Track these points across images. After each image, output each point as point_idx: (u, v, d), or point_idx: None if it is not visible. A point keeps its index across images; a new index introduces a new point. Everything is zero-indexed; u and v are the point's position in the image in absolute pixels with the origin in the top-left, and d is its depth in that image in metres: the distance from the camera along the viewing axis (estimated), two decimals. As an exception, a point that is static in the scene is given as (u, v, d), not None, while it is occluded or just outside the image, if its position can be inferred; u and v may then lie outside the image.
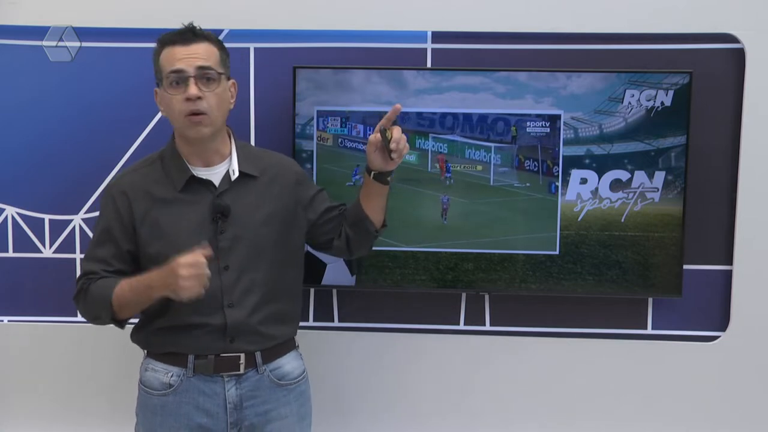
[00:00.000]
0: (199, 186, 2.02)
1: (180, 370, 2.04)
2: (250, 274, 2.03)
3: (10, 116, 2.61)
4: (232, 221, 2.00)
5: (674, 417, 2.59)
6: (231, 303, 2.01)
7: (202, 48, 1.98)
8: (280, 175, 2.11)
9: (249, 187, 2.05)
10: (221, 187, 2.02)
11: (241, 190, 2.04)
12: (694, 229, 2.49)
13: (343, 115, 2.46)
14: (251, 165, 2.07)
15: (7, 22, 2.56)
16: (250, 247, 2.02)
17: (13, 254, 2.66)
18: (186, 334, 2.02)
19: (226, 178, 2.04)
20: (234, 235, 2.01)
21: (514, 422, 2.62)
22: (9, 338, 2.68)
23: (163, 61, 1.98)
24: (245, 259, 2.02)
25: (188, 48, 1.96)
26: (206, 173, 2.03)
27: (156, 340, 2.07)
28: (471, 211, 2.47)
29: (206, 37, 2.01)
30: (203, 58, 1.96)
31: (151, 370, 2.08)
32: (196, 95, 1.94)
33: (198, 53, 1.96)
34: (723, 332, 2.56)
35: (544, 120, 2.44)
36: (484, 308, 2.61)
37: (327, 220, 2.17)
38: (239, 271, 2.02)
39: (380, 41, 2.53)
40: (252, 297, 2.03)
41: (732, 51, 2.46)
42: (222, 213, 1.99)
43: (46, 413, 2.70)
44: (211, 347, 2.02)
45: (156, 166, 2.07)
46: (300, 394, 2.15)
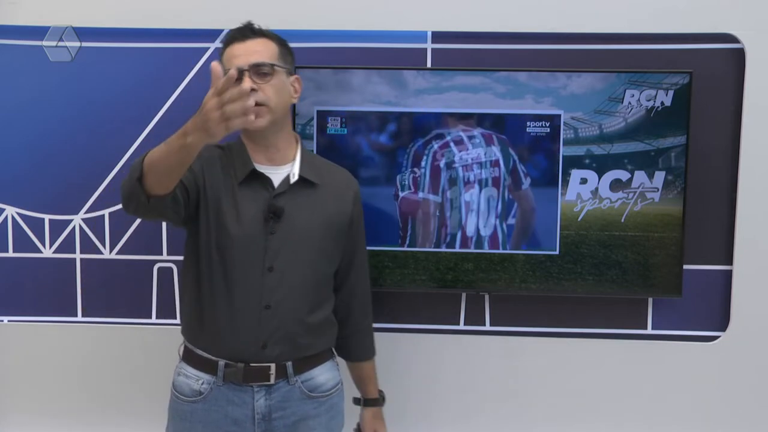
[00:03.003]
0: (258, 183, 2.02)
1: (210, 378, 2.02)
2: (292, 279, 2.01)
3: (10, 116, 2.61)
4: (284, 224, 2.00)
5: (674, 417, 2.59)
6: (269, 305, 1.99)
7: (259, 44, 2.00)
8: (339, 189, 2.11)
9: (306, 193, 2.04)
10: (279, 189, 2.02)
11: (298, 195, 2.03)
12: (694, 229, 2.49)
13: (343, 115, 2.46)
14: (313, 172, 2.06)
15: (7, 22, 2.56)
16: (296, 252, 2.01)
17: (13, 254, 2.66)
18: (218, 334, 2.00)
19: (286, 181, 2.03)
20: (283, 237, 2.00)
21: (514, 422, 2.62)
22: (9, 338, 2.68)
23: (224, 60, 2.01)
24: (290, 263, 2.00)
25: (245, 45, 1.99)
26: (268, 171, 2.03)
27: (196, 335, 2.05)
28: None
29: (264, 33, 2.04)
30: (259, 53, 1.98)
31: (183, 375, 2.07)
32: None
33: (254, 49, 1.99)
34: (723, 332, 2.56)
35: (544, 120, 2.44)
36: (484, 308, 2.61)
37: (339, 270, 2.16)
38: (282, 273, 2.00)
39: (380, 41, 2.53)
40: (290, 302, 2.01)
41: (732, 51, 2.46)
42: (275, 214, 1.99)
43: (46, 413, 2.70)
44: (242, 352, 1.99)
45: (223, 152, 2.06)
46: (331, 407, 2.11)
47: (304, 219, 2.02)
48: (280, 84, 1.99)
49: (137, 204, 1.84)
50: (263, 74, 1.97)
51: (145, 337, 2.64)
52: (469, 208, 2.47)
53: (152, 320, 2.65)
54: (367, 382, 2.26)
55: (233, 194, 2.00)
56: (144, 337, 2.64)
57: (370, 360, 2.26)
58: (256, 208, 2.00)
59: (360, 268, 2.18)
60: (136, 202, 1.84)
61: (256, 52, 1.99)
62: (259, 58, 1.97)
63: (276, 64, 2.00)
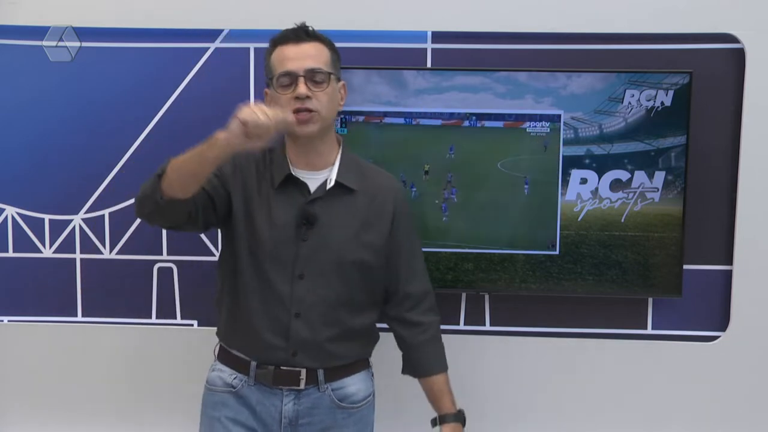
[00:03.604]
0: (294, 188, 1.96)
1: (243, 376, 2.00)
2: (323, 288, 1.95)
3: (10, 116, 2.61)
4: (317, 231, 1.94)
5: (674, 417, 2.59)
6: (298, 313, 1.95)
7: (313, 48, 1.95)
8: (379, 194, 2.02)
9: (343, 200, 1.98)
10: (314, 194, 1.96)
11: (335, 202, 1.97)
12: (694, 229, 2.49)
13: (343, 115, 2.46)
14: (352, 178, 1.99)
15: (7, 22, 2.56)
16: (329, 261, 1.95)
17: (13, 254, 2.66)
18: (250, 337, 1.97)
19: (322, 186, 1.97)
20: (316, 244, 1.94)
21: (514, 422, 2.62)
22: (9, 338, 2.68)
23: (275, 61, 1.95)
24: (321, 271, 1.95)
25: (299, 48, 1.93)
26: (306, 176, 1.97)
27: (225, 331, 2.04)
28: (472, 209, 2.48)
29: (317, 37, 1.97)
30: (313, 58, 1.93)
31: (217, 371, 2.05)
32: (305, 94, 1.90)
33: (309, 53, 1.93)
34: (723, 332, 2.56)
35: (544, 120, 2.44)
36: (484, 308, 2.61)
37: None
38: (313, 282, 1.95)
39: (380, 41, 2.53)
40: (320, 311, 1.96)
41: (732, 51, 2.46)
42: (308, 220, 1.94)
43: (46, 413, 2.70)
44: (273, 357, 1.97)
45: (261, 156, 2.00)
46: (360, 419, 2.06)
47: (339, 226, 1.96)
48: (332, 92, 1.95)
49: (153, 204, 1.83)
50: (318, 81, 1.92)
51: (144, 337, 2.64)
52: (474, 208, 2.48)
53: (152, 320, 2.65)
54: (439, 396, 2.10)
55: (268, 199, 1.96)
56: (144, 337, 2.64)
57: (440, 374, 2.11)
58: (289, 213, 1.95)
59: (407, 276, 2.07)
60: (152, 203, 1.82)
61: (311, 56, 1.93)
62: (314, 64, 1.92)
63: (332, 72, 1.95)
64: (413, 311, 2.08)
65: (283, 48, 1.95)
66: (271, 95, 1.97)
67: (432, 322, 2.10)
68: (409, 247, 2.07)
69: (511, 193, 2.47)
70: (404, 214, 2.06)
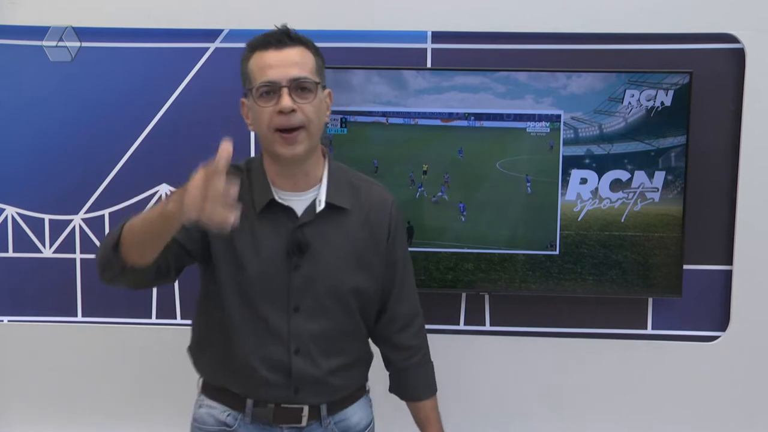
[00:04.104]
0: (280, 212, 1.76)
1: (237, 414, 1.83)
2: (323, 319, 1.79)
3: (10, 116, 2.61)
4: (310, 258, 1.76)
5: (674, 417, 2.59)
6: (297, 349, 1.78)
7: (298, 54, 1.72)
8: (373, 211, 1.84)
9: (336, 221, 1.79)
10: (303, 218, 1.76)
11: (326, 224, 1.77)
12: (694, 229, 2.49)
13: (343, 115, 2.46)
14: (343, 195, 1.80)
15: (7, 22, 2.56)
16: (325, 290, 1.78)
17: (13, 254, 2.66)
18: (243, 376, 1.80)
19: (311, 208, 1.77)
20: (310, 273, 1.76)
21: (514, 422, 2.62)
22: (9, 338, 2.68)
23: (253, 68, 1.72)
24: (319, 302, 1.78)
25: (281, 53, 1.70)
26: (291, 198, 1.77)
27: (214, 372, 1.85)
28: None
29: (301, 40, 1.74)
30: (298, 66, 1.70)
31: (207, 407, 1.87)
32: (291, 107, 1.67)
33: (293, 60, 1.70)
34: (723, 332, 2.56)
35: (544, 120, 2.44)
36: (484, 308, 2.61)
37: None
38: (310, 314, 1.78)
39: (380, 41, 2.53)
40: (322, 345, 1.80)
41: (732, 51, 2.46)
42: (299, 248, 1.75)
43: (46, 413, 2.70)
44: (273, 396, 1.81)
45: (243, 177, 1.79)
46: None
47: (333, 250, 1.78)
48: (319, 102, 1.73)
49: (112, 274, 1.65)
50: (305, 92, 1.70)
51: (145, 337, 2.64)
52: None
53: (152, 320, 2.65)
54: (425, 423, 1.96)
55: (251, 226, 1.76)
56: (144, 337, 2.64)
57: (428, 399, 1.96)
58: (277, 241, 1.76)
59: (398, 295, 1.90)
60: (111, 272, 1.65)
61: (295, 64, 1.70)
62: (300, 73, 1.70)
63: (318, 81, 1.74)
64: (402, 334, 1.93)
65: (263, 54, 1.72)
66: (249, 107, 1.76)
67: (421, 345, 1.96)
68: (403, 265, 1.91)
69: (512, 193, 2.47)
70: (399, 230, 1.90)
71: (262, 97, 1.70)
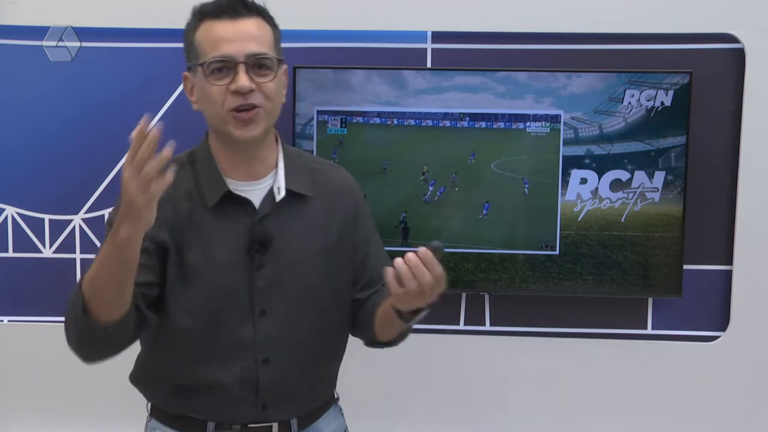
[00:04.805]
0: (235, 206, 1.56)
1: None
2: (292, 322, 1.58)
3: (10, 116, 2.61)
4: (274, 254, 1.55)
5: (674, 417, 2.59)
6: (266, 358, 1.57)
7: (255, 25, 1.51)
8: (337, 199, 1.65)
9: (298, 210, 1.59)
10: (262, 210, 1.56)
11: (288, 215, 1.58)
12: (694, 229, 2.49)
13: (343, 115, 2.46)
14: (302, 181, 1.60)
15: (7, 22, 2.56)
16: (293, 288, 1.57)
17: (13, 254, 2.66)
18: (206, 398, 1.58)
19: (270, 198, 1.57)
20: (275, 272, 1.56)
21: (514, 422, 2.62)
22: (9, 338, 2.68)
23: (202, 40, 1.51)
24: (287, 303, 1.58)
25: (237, 24, 1.50)
26: (245, 189, 1.57)
27: (164, 397, 1.65)
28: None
29: (258, 10, 1.54)
30: (256, 40, 1.50)
31: None
32: (249, 87, 1.48)
33: (250, 33, 1.50)
34: (723, 332, 2.56)
35: (544, 120, 2.44)
36: (484, 308, 2.61)
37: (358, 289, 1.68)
38: (279, 318, 1.57)
39: (380, 41, 2.53)
40: (293, 352, 1.59)
41: (732, 51, 2.46)
42: (261, 244, 1.55)
43: (46, 413, 2.70)
44: (238, 416, 1.59)
45: (186, 172, 1.58)
46: None
47: (299, 243, 1.58)
48: (278, 81, 1.55)
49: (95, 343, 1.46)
50: (264, 69, 1.51)
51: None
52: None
53: (152, 320, 2.65)
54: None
55: (202, 225, 1.55)
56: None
57: None
58: (234, 239, 1.55)
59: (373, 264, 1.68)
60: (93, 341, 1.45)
61: (253, 37, 1.50)
62: (259, 48, 1.50)
63: (279, 57, 1.55)
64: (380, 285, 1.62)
65: (214, 23, 1.51)
66: (197, 85, 1.54)
67: None
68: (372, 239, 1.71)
69: (511, 193, 2.47)
70: (364, 210, 1.71)
71: (214, 74, 1.50)
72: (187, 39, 1.56)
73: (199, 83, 1.54)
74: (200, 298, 1.55)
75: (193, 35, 1.54)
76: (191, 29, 1.55)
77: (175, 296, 1.56)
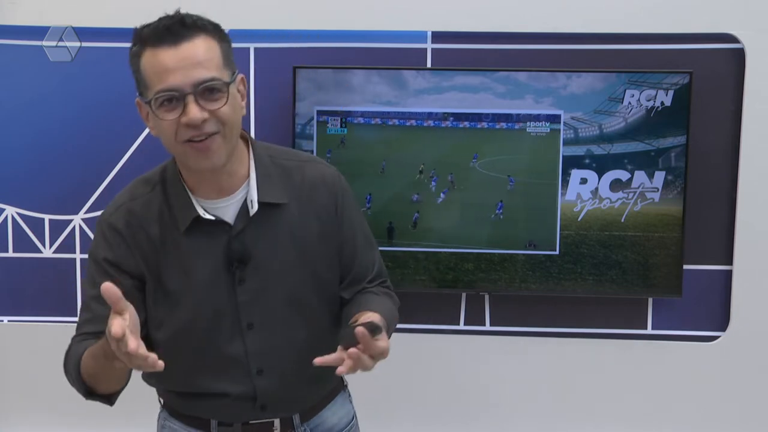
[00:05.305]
0: (209, 225, 1.52)
1: None
2: (281, 331, 1.57)
3: (10, 116, 2.61)
4: (254, 267, 1.53)
5: (674, 417, 2.59)
6: (260, 369, 1.58)
7: (199, 47, 1.43)
8: (313, 196, 1.59)
9: (274, 219, 1.55)
10: (237, 226, 1.53)
11: (265, 225, 1.54)
12: (694, 229, 2.49)
13: (343, 115, 2.46)
14: (277, 188, 1.56)
15: (7, 22, 2.56)
16: (279, 298, 1.56)
17: (13, 254, 2.66)
18: (207, 401, 1.61)
19: (244, 212, 1.53)
20: (258, 285, 1.54)
21: (514, 422, 2.62)
22: (9, 338, 2.68)
23: (147, 69, 1.46)
24: (274, 313, 1.56)
25: (179, 51, 1.42)
26: (217, 207, 1.53)
27: (169, 398, 1.69)
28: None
29: (199, 26, 1.45)
30: (202, 65, 1.42)
31: (169, 428, 1.69)
32: (200, 119, 1.42)
33: (195, 57, 1.42)
34: (723, 332, 2.56)
35: (544, 120, 2.44)
36: (484, 308, 2.61)
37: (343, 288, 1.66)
38: (267, 329, 1.56)
39: (380, 41, 2.53)
40: (286, 360, 1.58)
41: (732, 51, 2.46)
42: (240, 260, 1.52)
43: (46, 413, 2.70)
44: (238, 416, 1.61)
45: (156, 192, 1.56)
46: None
47: (278, 252, 1.55)
48: (233, 99, 1.46)
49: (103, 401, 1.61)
50: (216, 92, 1.43)
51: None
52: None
53: (152, 320, 2.65)
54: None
55: (178, 248, 1.53)
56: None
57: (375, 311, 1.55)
58: (212, 258, 1.52)
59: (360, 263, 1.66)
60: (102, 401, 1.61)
61: (198, 63, 1.42)
62: (205, 73, 1.42)
63: (228, 81, 1.46)
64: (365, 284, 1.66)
65: (156, 52, 1.44)
66: (150, 117, 1.50)
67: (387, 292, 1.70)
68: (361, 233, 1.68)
69: (511, 193, 2.47)
70: (348, 203, 1.64)
71: (163, 106, 1.44)
72: (132, 66, 1.52)
73: (150, 115, 1.50)
74: (185, 322, 1.55)
75: (138, 63, 1.49)
76: (135, 56, 1.50)
77: (159, 323, 1.57)
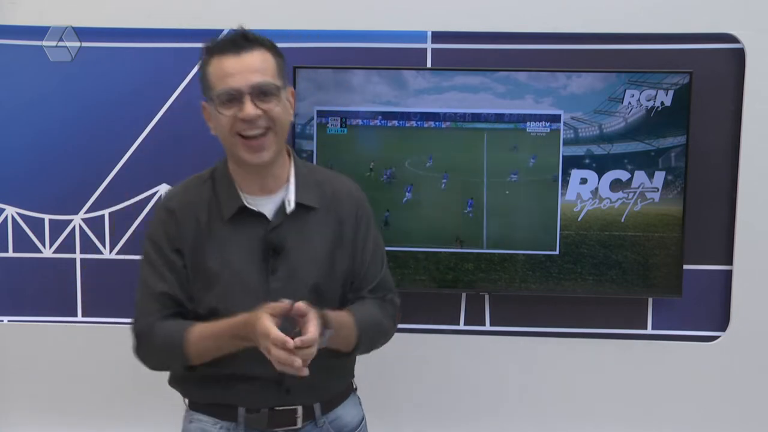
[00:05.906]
0: (251, 218, 1.74)
1: (230, 424, 1.79)
2: None
3: (10, 116, 2.61)
4: (286, 258, 1.74)
5: (674, 417, 2.59)
6: None
7: (257, 58, 1.69)
8: (340, 206, 1.81)
9: (306, 219, 1.77)
10: (275, 221, 1.75)
11: (297, 223, 1.76)
12: (694, 229, 2.49)
13: (343, 115, 2.46)
14: (311, 194, 1.78)
15: (7, 22, 2.56)
16: (306, 288, 1.74)
17: (13, 254, 2.66)
18: (234, 386, 1.77)
19: (281, 210, 1.75)
20: (288, 274, 1.74)
21: (514, 422, 2.62)
22: (9, 338, 2.68)
23: (212, 75, 1.70)
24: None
25: (240, 59, 1.67)
26: (260, 202, 1.76)
27: (200, 390, 1.83)
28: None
29: (259, 41, 1.71)
30: (259, 71, 1.67)
31: (197, 421, 1.83)
32: (253, 116, 1.66)
33: (253, 65, 1.67)
34: (723, 332, 2.56)
35: (544, 120, 2.44)
36: (484, 308, 2.61)
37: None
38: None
39: (380, 41, 2.53)
40: None
41: (732, 51, 2.46)
42: (275, 250, 1.73)
43: (46, 413, 2.70)
44: (264, 400, 1.78)
45: (207, 186, 1.79)
46: None
47: (307, 248, 1.76)
48: (283, 104, 1.71)
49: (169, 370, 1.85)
50: (268, 96, 1.68)
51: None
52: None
53: (152, 320, 2.65)
54: None
55: (220, 235, 1.75)
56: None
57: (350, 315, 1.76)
58: (250, 247, 1.74)
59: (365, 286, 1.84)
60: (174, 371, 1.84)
61: (256, 69, 1.67)
62: (261, 78, 1.67)
63: (280, 84, 1.71)
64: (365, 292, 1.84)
65: (221, 59, 1.69)
66: (212, 113, 1.73)
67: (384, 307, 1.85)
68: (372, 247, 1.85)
69: (511, 193, 2.47)
70: (366, 218, 1.86)
71: (224, 104, 1.68)
72: (201, 73, 1.75)
73: (213, 112, 1.72)
74: (219, 299, 1.73)
75: (206, 70, 1.73)
76: (204, 64, 1.74)
77: (195, 298, 1.76)
